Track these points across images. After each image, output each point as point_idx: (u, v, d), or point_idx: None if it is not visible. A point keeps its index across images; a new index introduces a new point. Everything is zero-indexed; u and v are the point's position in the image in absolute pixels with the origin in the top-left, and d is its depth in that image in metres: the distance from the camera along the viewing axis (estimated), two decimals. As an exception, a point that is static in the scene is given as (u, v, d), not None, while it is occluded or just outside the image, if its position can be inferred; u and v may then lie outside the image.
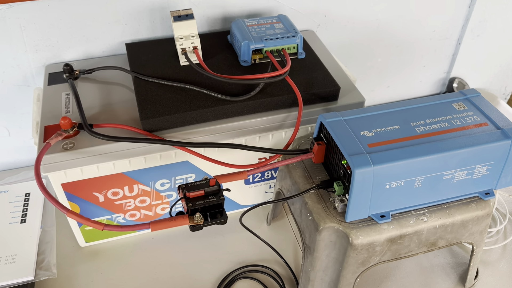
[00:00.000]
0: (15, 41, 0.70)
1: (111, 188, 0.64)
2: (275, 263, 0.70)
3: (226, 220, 0.53)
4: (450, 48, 0.99)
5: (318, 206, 0.54)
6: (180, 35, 0.65)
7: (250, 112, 0.63)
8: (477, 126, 0.54)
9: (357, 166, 0.48)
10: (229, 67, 0.68)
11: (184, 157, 0.64)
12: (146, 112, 0.59)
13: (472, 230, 0.57)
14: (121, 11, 0.72)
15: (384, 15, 0.87)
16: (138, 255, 0.71)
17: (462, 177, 0.53)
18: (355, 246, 0.51)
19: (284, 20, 0.72)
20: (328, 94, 0.65)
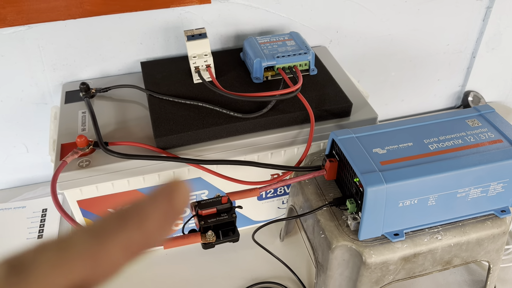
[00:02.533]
0: (34, 60, 0.72)
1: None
2: (288, 280, 0.70)
3: (238, 238, 0.53)
4: (464, 61, 0.98)
5: (331, 223, 0.54)
6: (193, 53, 0.66)
7: (263, 129, 0.64)
8: (491, 143, 0.53)
9: (369, 184, 0.48)
10: (242, 84, 0.68)
11: (197, 173, 0.64)
12: (160, 130, 0.60)
13: (488, 248, 0.56)
14: (136, 31, 0.73)
15: (397, 29, 0.87)
16: (151, 271, 0.72)
17: (476, 194, 0.53)
18: (368, 265, 0.51)
19: (296, 37, 0.72)
20: (340, 110, 0.65)
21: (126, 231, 0.12)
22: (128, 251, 0.12)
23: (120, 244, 0.12)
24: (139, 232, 0.12)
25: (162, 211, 0.13)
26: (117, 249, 0.12)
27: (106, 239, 0.11)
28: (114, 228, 0.12)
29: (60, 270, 0.11)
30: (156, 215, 0.12)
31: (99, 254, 0.11)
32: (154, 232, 0.12)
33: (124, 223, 0.12)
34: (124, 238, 0.12)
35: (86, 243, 0.11)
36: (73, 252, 0.11)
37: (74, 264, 0.11)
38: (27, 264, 0.11)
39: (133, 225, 0.12)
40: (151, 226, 0.12)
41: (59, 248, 0.11)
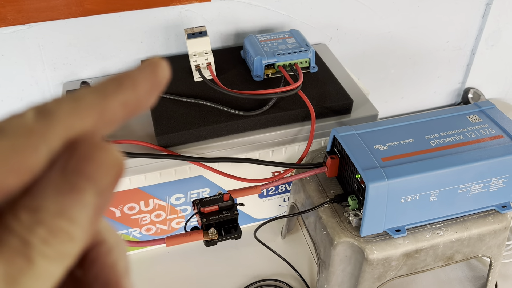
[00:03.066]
0: (34, 60, 0.72)
1: (127, 203, 0.65)
2: (290, 277, 0.70)
3: (240, 235, 0.53)
4: (464, 58, 0.98)
5: (333, 220, 0.54)
6: (194, 52, 0.66)
7: (264, 127, 0.64)
8: (492, 138, 0.53)
9: (371, 180, 0.48)
10: (242, 82, 0.68)
11: (199, 171, 0.64)
12: (161, 128, 0.60)
13: (489, 244, 0.57)
14: (137, 29, 0.73)
15: (396, 27, 0.87)
16: (153, 269, 0.72)
17: (478, 190, 0.53)
18: (370, 261, 0.51)
19: (296, 34, 0.72)
20: (341, 108, 0.65)
21: (123, 92, 0.15)
22: (125, 108, 0.15)
23: (119, 101, 0.14)
24: (133, 94, 0.15)
25: (150, 79, 0.15)
26: (117, 105, 0.14)
27: (109, 96, 0.14)
28: (114, 89, 0.14)
29: (76, 116, 0.13)
30: (145, 81, 0.15)
31: (104, 107, 0.14)
32: (145, 95, 0.15)
33: (121, 85, 0.15)
34: (122, 97, 0.15)
35: (94, 98, 0.14)
36: (85, 103, 0.14)
37: (86, 112, 0.14)
38: (51, 110, 0.13)
39: (128, 87, 0.15)
40: (142, 90, 0.15)
41: (73, 99, 0.14)
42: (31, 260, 0.12)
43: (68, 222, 0.12)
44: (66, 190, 0.13)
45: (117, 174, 0.14)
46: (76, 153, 0.13)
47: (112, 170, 0.14)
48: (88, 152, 0.13)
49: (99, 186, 0.13)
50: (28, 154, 0.12)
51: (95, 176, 0.13)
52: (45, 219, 0.12)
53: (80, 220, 0.13)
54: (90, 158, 0.13)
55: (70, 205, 0.13)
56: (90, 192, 0.13)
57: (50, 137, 0.13)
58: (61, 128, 0.13)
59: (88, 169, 0.13)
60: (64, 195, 0.13)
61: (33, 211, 0.12)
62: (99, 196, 0.13)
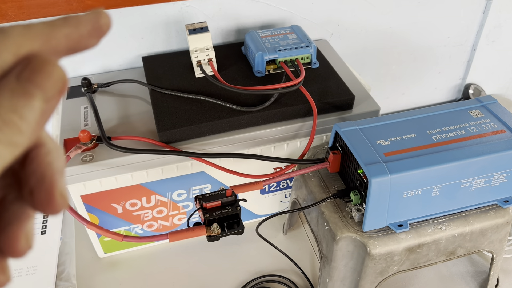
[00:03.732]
0: (35, 56, 0.71)
1: (129, 199, 0.65)
2: (292, 273, 0.70)
3: (243, 231, 0.53)
4: (465, 54, 0.98)
5: (335, 215, 0.54)
6: (195, 47, 0.66)
7: (265, 122, 0.64)
8: (494, 133, 0.53)
9: (373, 175, 0.48)
10: (244, 78, 0.68)
11: (200, 167, 0.64)
12: (163, 124, 0.60)
13: (491, 239, 0.57)
14: (137, 25, 0.73)
15: (397, 22, 0.87)
16: (155, 265, 0.72)
17: (480, 185, 0.53)
18: (373, 255, 0.51)
19: (297, 30, 0.72)
20: (343, 103, 0.65)
21: (68, 27, 0.18)
22: (68, 40, 0.18)
23: (63, 33, 0.18)
24: (76, 30, 0.18)
25: (92, 22, 0.18)
26: (61, 36, 0.17)
27: (55, 27, 0.17)
28: (60, 23, 0.18)
29: (26, 37, 0.16)
30: (87, 23, 0.18)
31: (50, 34, 0.17)
32: (86, 34, 0.18)
33: (67, 21, 0.18)
34: (66, 30, 0.18)
35: (42, 26, 0.17)
36: (35, 29, 0.17)
37: (35, 35, 0.17)
38: (6, 30, 0.16)
39: (72, 24, 0.18)
40: (84, 29, 0.18)
41: (26, 26, 0.17)
42: None
43: (19, 118, 0.15)
44: (19, 93, 0.16)
45: (62, 86, 0.17)
46: (30, 64, 0.16)
47: (58, 82, 0.17)
48: (41, 65, 0.16)
49: (46, 94, 0.16)
50: None
51: (44, 85, 0.16)
52: (0, 112, 0.15)
53: (29, 118, 0.16)
54: (42, 70, 0.16)
55: (22, 105, 0.15)
56: (39, 98, 0.16)
57: (2, 49, 0.16)
58: (13, 44, 0.16)
59: (39, 78, 0.16)
60: (17, 97, 0.16)
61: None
62: (45, 102, 0.16)
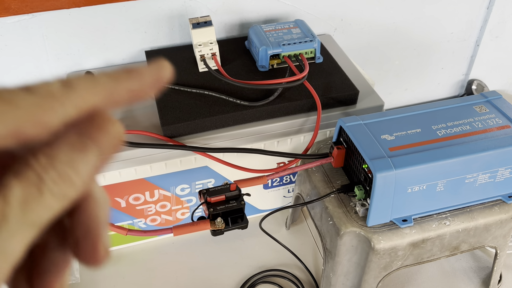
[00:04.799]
0: (37, 50, 0.71)
1: (133, 194, 0.65)
2: (295, 268, 0.70)
3: (247, 225, 0.53)
4: (468, 50, 0.98)
5: (339, 210, 0.54)
6: (198, 42, 0.66)
7: (269, 117, 0.64)
8: (499, 128, 0.53)
9: (378, 170, 0.48)
10: (247, 72, 0.68)
11: (204, 162, 0.64)
12: (166, 119, 0.60)
13: (495, 234, 0.57)
14: (141, 19, 0.73)
15: (401, 18, 0.87)
16: (159, 260, 0.72)
17: (484, 180, 0.53)
18: (377, 250, 0.51)
19: (301, 24, 0.72)
20: (347, 98, 0.65)
21: (131, 80, 0.18)
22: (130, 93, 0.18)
23: (126, 87, 0.18)
24: (138, 83, 0.18)
25: (154, 75, 0.19)
26: (124, 90, 0.18)
27: (120, 81, 0.17)
28: (125, 77, 0.18)
29: (91, 91, 0.17)
30: (150, 76, 0.18)
31: (114, 89, 0.17)
32: (147, 87, 0.18)
33: (130, 75, 0.18)
34: (129, 84, 0.18)
35: (108, 80, 0.17)
36: (100, 83, 0.17)
37: (99, 90, 0.17)
38: (73, 83, 0.16)
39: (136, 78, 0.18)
40: (146, 82, 0.18)
41: (92, 79, 0.17)
42: (41, 192, 0.15)
43: (74, 172, 0.16)
44: (77, 147, 0.16)
45: (117, 144, 0.17)
46: (92, 121, 0.17)
47: (114, 140, 0.17)
48: (101, 122, 0.17)
49: (101, 150, 0.17)
50: (46, 112, 0.15)
51: (101, 142, 0.17)
52: (57, 165, 0.16)
53: (82, 172, 0.16)
54: (100, 128, 0.17)
55: (78, 158, 0.16)
56: (94, 153, 0.17)
57: (67, 103, 0.16)
58: (77, 98, 0.16)
59: (99, 135, 0.17)
60: (75, 151, 0.16)
61: (50, 157, 0.16)
62: (100, 157, 0.17)
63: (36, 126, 0.15)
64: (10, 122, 0.15)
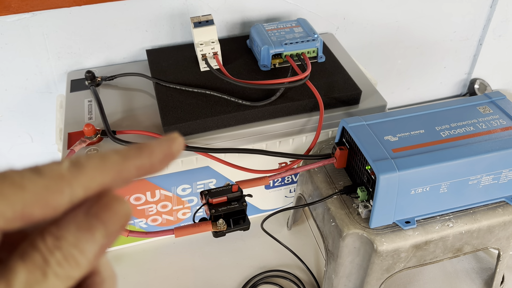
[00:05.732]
0: (38, 49, 0.71)
1: (134, 194, 0.64)
2: (296, 269, 0.70)
3: (249, 226, 0.53)
4: (471, 49, 0.97)
5: (341, 212, 0.54)
6: (200, 41, 0.65)
7: (271, 117, 0.63)
8: (503, 129, 0.53)
9: (382, 171, 0.47)
10: (249, 72, 0.68)
11: (205, 162, 0.64)
12: (168, 119, 0.60)
13: (498, 236, 0.56)
14: (142, 18, 0.72)
15: (403, 16, 0.86)
16: (160, 260, 0.72)
17: (488, 181, 0.52)
18: (380, 252, 0.51)
19: (303, 23, 0.72)
20: (350, 98, 0.65)
21: (141, 158, 0.18)
22: (139, 170, 0.18)
23: (135, 165, 0.17)
24: (148, 161, 0.18)
25: (165, 152, 0.18)
26: (133, 168, 0.17)
27: (129, 160, 0.17)
28: (134, 155, 0.17)
29: (100, 171, 0.17)
30: (160, 152, 0.18)
31: (122, 168, 0.17)
32: (158, 163, 0.18)
33: (141, 153, 0.18)
34: (139, 162, 0.18)
35: (117, 159, 0.17)
36: (109, 162, 0.17)
37: (108, 169, 0.17)
38: (82, 163, 0.16)
39: (146, 155, 0.18)
40: (156, 159, 0.18)
41: (101, 157, 0.17)
42: (46, 275, 0.15)
43: (79, 253, 0.16)
44: (84, 228, 0.16)
45: (123, 223, 0.17)
46: (99, 201, 0.17)
47: (121, 220, 0.17)
48: (108, 202, 0.17)
49: (108, 230, 0.17)
50: (54, 194, 0.16)
51: (108, 222, 0.17)
52: (63, 246, 0.16)
53: (88, 252, 0.16)
54: (108, 208, 0.17)
55: (84, 239, 0.16)
56: (101, 233, 0.16)
57: (75, 184, 0.16)
58: (86, 179, 0.16)
59: (105, 215, 0.17)
60: (82, 231, 0.16)
61: (57, 238, 0.16)
62: (106, 237, 0.17)
63: (44, 208, 0.16)
64: (18, 205, 0.15)
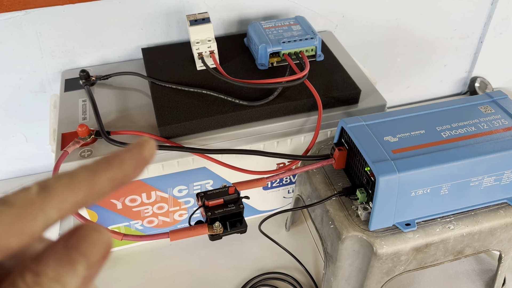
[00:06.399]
0: (31, 47, 0.69)
1: (129, 195, 0.63)
2: (295, 271, 0.69)
3: (246, 229, 0.52)
4: (471, 46, 0.96)
5: (340, 214, 0.53)
6: (196, 39, 0.64)
7: (268, 117, 0.62)
8: (505, 130, 0.52)
9: (381, 173, 0.46)
10: (246, 71, 0.66)
11: (202, 163, 0.63)
12: (163, 119, 0.58)
13: (500, 238, 0.55)
14: (137, 16, 0.71)
15: (403, 14, 0.85)
16: (156, 262, 0.71)
17: (490, 183, 0.51)
18: (379, 255, 0.50)
19: (301, 21, 0.70)
20: (349, 97, 0.64)
21: (111, 170, 0.17)
22: (112, 182, 0.17)
23: (107, 177, 0.17)
24: (120, 171, 0.17)
25: (136, 158, 0.17)
26: (105, 181, 0.17)
27: (98, 173, 0.17)
28: (103, 167, 0.17)
29: (70, 191, 0.16)
30: (131, 160, 0.17)
31: (94, 182, 0.17)
32: (131, 171, 0.17)
33: (110, 164, 0.17)
34: (110, 174, 0.17)
35: (86, 175, 0.16)
36: (78, 179, 0.16)
37: (78, 187, 0.16)
38: (50, 186, 0.16)
39: (116, 166, 0.17)
40: (128, 167, 0.17)
41: (69, 176, 0.16)
42: None
43: (61, 287, 0.15)
44: (64, 261, 0.16)
45: (105, 253, 0.17)
46: (77, 232, 0.16)
47: (102, 249, 0.16)
48: (88, 233, 0.16)
49: (89, 261, 0.16)
50: (27, 221, 0.15)
51: (87, 253, 0.16)
52: (43, 282, 0.15)
53: (71, 286, 0.16)
54: (86, 238, 0.16)
55: (65, 273, 0.16)
56: (82, 265, 0.16)
57: (47, 208, 0.15)
58: (57, 200, 0.16)
59: (83, 246, 0.16)
60: (62, 265, 0.16)
61: (36, 274, 0.15)
62: (88, 269, 0.16)
63: (19, 237, 0.15)
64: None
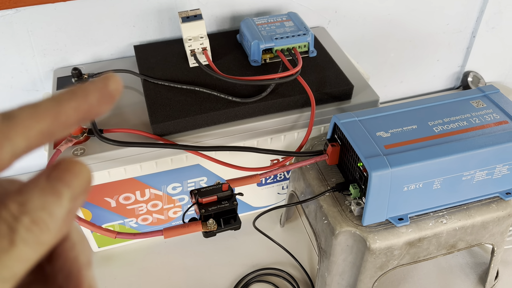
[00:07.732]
0: (23, 46, 0.69)
1: (123, 193, 0.63)
2: (289, 266, 0.69)
3: (240, 226, 0.52)
4: (464, 41, 0.96)
5: (334, 209, 0.53)
6: (188, 36, 0.64)
7: (262, 114, 0.62)
8: (497, 124, 0.52)
9: (374, 168, 0.46)
10: (239, 67, 0.66)
11: (196, 160, 0.63)
12: (156, 117, 0.58)
13: (492, 231, 0.56)
14: (128, 13, 0.70)
15: (396, 9, 0.85)
16: (151, 260, 0.71)
17: (482, 177, 0.52)
18: (373, 250, 0.50)
19: (294, 17, 0.70)
20: (341, 93, 0.64)
21: (76, 99, 0.17)
22: (77, 113, 0.17)
23: (71, 107, 0.17)
24: (84, 101, 0.17)
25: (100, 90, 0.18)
26: (70, 110, 0.17)
27: (63, 102, 0.17)
28: (68, 97, 0.17)
29: (34, 118, 0.16)
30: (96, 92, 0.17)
31: (58, 111, 0.17)
32: (96, 103, 0.17)
33: (74, 94, 0.17)
34: (74, 104, 0.17)
35: (50, 103, 0.16)
36: (42, 108, 0.16)
37: (43, 115, 0.16)
38: (13, 114, 0.16)
39: (80, 96, 0.17)
40: (93, 99, 0.17)
41: (33, 105, 0.16)
42: (13, 243, 0.14)
43: (48, 215, 0.15)
44: (48, 192, 0.16)
45: (87, 185, 0.17)
46: (59, 165, 0.17)
47: (85, 181, 0.17)
48: (69, 165, 0.17)
49: (73, 192, 0.16)
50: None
51: (72, 184, 0.16)
52: (30, 210, 0.15)
53: (57, 215, 0.16)
54: (70, 170, 0.17)
55: (51, 202, 0.16)
56: (67, 196, 0.16)
57: (12, 136, 0.15)
58: (22, 128, 0.16)
59: (68, 177, 0.16)
60: (46, 195, 0.16)
61: (21, 204, 0.15)
62: (72, 201, 0.16)
63: None
64: None
